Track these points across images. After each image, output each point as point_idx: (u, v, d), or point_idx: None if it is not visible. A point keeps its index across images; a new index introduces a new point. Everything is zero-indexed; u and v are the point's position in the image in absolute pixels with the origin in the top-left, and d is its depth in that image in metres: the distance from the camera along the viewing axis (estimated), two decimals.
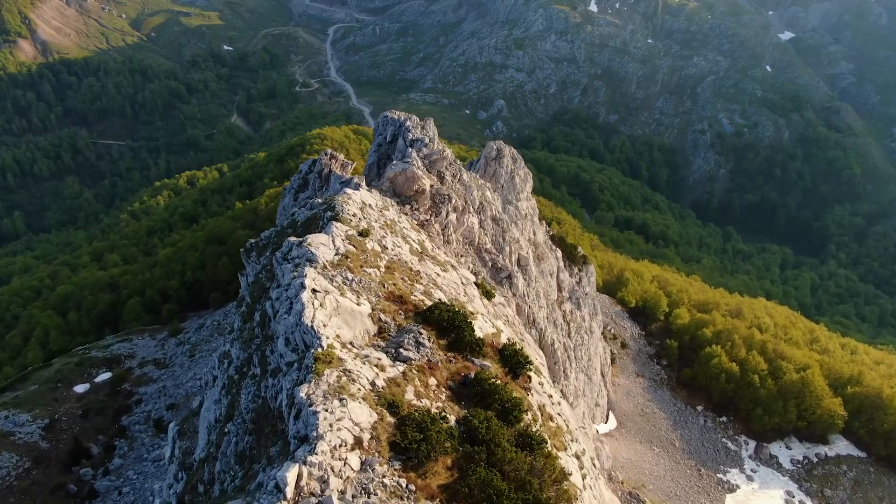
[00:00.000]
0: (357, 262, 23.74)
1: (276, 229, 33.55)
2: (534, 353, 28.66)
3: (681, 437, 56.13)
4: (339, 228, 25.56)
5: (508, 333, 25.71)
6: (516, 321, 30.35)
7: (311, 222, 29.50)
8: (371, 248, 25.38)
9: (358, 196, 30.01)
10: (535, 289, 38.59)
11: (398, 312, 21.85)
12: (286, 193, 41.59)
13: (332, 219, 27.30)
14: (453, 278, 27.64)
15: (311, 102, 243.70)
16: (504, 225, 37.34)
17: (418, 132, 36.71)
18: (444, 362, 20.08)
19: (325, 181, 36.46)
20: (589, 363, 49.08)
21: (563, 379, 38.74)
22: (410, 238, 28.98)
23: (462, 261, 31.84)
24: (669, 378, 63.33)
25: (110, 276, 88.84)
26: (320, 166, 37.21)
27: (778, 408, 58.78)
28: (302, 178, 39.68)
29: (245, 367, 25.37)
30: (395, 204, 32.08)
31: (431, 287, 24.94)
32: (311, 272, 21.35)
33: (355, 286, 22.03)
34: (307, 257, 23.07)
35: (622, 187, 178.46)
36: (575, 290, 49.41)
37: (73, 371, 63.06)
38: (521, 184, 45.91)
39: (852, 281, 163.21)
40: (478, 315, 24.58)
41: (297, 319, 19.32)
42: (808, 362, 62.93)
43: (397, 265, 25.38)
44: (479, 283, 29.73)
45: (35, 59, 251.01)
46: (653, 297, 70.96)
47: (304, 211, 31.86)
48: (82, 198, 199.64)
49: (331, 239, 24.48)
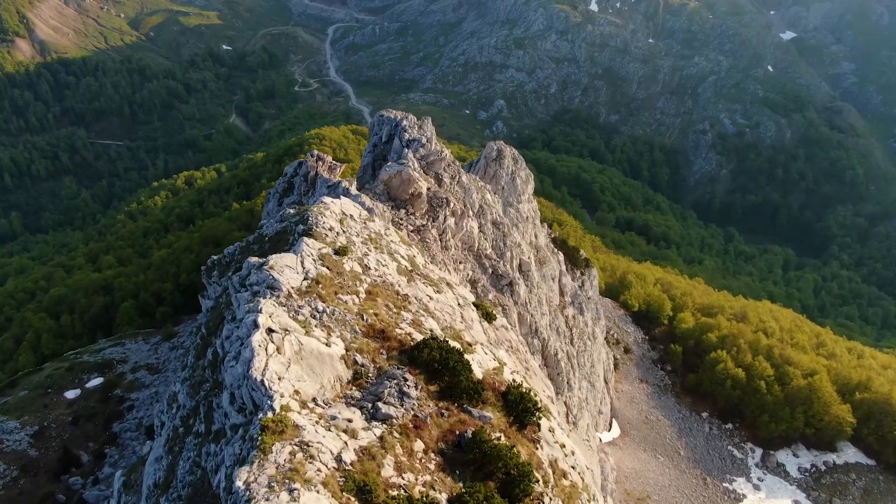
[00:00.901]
0: (330, 287, 20.28)
1: (241, 245, 29.85)
2: (541, 383, 25.72)
3: (686, 445, 54.78)
4: (311, 246, 22.13)
5: (512, 365, 22.60)
6: (521, 346, 27.15)
7: (280, 237, 25.96)
8: (350, 269, 22.02)
9: (337, 205, 26.59)
10: (538, 295, 37.22)
11: (379, 352, 18.49)
12: (270, 198, 38.67)
13: (303, 234, 23.85)
14: (448, 300, 24.39)
15: (310, 102, 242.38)
16: (505, 229, 35.91)
17: (415, 132, 35.15)
18: (434, 416, 16.70)
19: (311, 185, 34.02)
20: (592, 370, 47.72)
21: (567, 390, 37.37)
22: (399, 254, 25.68)
23: (461, 267, 30.27)
24: (674, 384, 61.98)
25: (104, 278, 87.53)
26: (306, 169, 34.68)
27: (785, 414, 57.44)
28: (287, 181, 37.12)
29: (191, 419, 21.69)
30: (389, 209, 29.72)
31: (422, 314, 21.77)
32: (269, 305, 17.90)
33: (326, 319, 18.63)
34: (268, 284, 19.60)
35: (623, 188, 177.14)
36: (577, 295, 48.07)
37: (63, 376, 61.64)
38: (523, 185, 44.53)
39: (855, 282, 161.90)
40: (477, 346, 21.45)
41: (245, 370, 15.73)
42: (816, 367, 61.58)
43: (381, 289, 22.06)
44: (478, 304, 26.81)
45: (33, 58, 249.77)
46: (656, 301, 69.62)
47: (273, 223, 28.10)
48: (80, 198, 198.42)
49: (299, 260, 21.04)
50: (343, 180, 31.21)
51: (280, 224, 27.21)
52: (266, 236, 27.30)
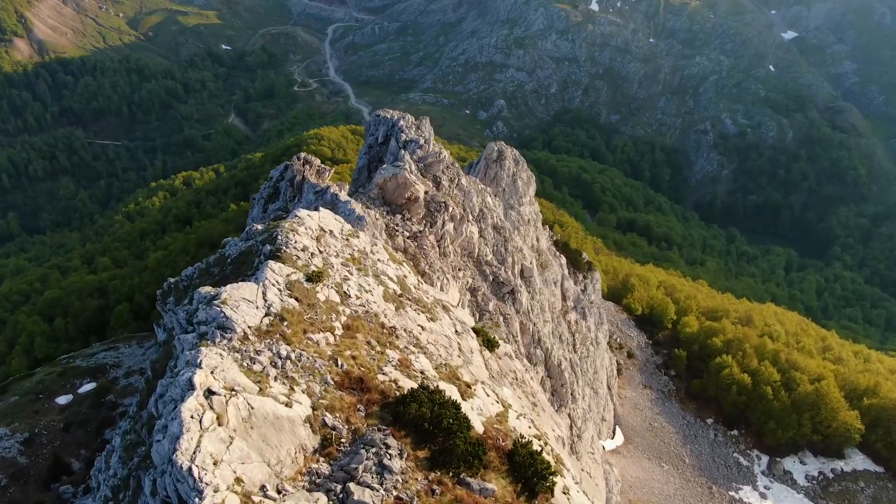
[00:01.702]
0: (299, 325, 16.83)
1: (200, 266, 25.91)
2: (550, 421, 23.15)
3: (691, 453, 53.57)
4: (278, 272, 18.41)
5: (518, 405, 19.79)
6: (526, 374, 24.55)
7: (244, 259, 21.98)
8: (325, 298, 18.49)
9: (314, 220, 22.81)
10: (540, 302, 36.01)
11: (355, 408, 15.04)
12: (255, 203, 35.69)
13: (270, 256, 19.88)
14: (444, 329, 21.05)
15: (309, 102, 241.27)
16: (506, 233, 34.67)
17: (412, 133, 33.81)
18: (423, 496, 13.13)
19: (297, 190, 31.67)
20: (595, 376, 46.54)
21: (571, 402, 36.12)
22: (386, 276, 22.29)
23: (460, 275, 28.94)
24: (678, 389, 60.77)
25: (99, 280, 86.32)
26: (292, 173, 32.43)
27: (792, 421, 56.23)
28: (272, 185, 34.59)
29: (121, 493, 17.89)
30: (384, 215, 27.83)
31: (411, 351, 18.46)
32: (212, 356, 14.16)
33: (291, 368, 15.16)
34: (218, 324, 15.92)
35: (624, 188, 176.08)
36: (580, 299, 46.87)
37: (55, 381, 60.31)
38: (524, 187, 43.32)
39: (858, 283, 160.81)
40: (477, 386, 18.39)
41: (169, 453, 12.02)
42: (823, 373, 60.38)
43: (363, 322, 18.62)
44: (478, 330, 23.74)
45: (31, 58, 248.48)
46: (660, 305, 68.39)
47: (237, 242, 24.28)
48: (77, 198, 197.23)
49: (260, 291, 17.39)
50: (332, 185, 29.40)
51: (245, 243, 23.29)
52: (228, 257, 23.30)
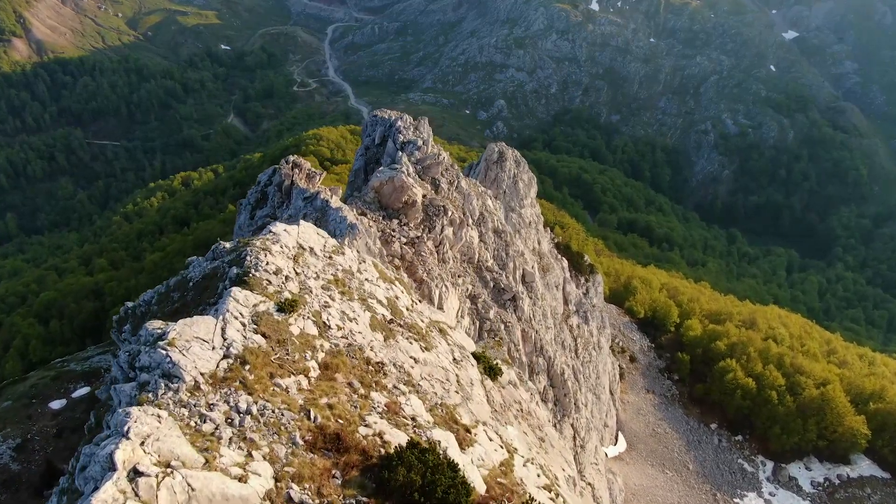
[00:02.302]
0: (264, 368, 14.13)
1: (159, 290, 22.96)
2: (559, 458, 20.73)
3: (694, 459, 52.68)
4: (243, 302, 15.62)
5: (525, 448, 17.78)
6: (532, 405, 22.16)
7: (207, 284, 19.16)
8: (299, 331, 15.86)
9: (292, 236, 19.87)
10: (542, 307, 35.11)
11: (329, 475, 12.32)
12: (241, 210, 33.66)
13: (235, 281, 17.00)
14: (440, 358, 18.54)
15: (309, 102, 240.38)
16: (507, 237, 33.76)
17: (411, 133, 32.84)
18: None
19: (285, 195, 29.84)
20: (597, 381, 45.67)
21: (575, 412, 35.23)
22: (376, 297, 19.65)
23: (460, 282, 27.99)
24: (681, 394, 59.87)
25: (95, 282, 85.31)
26: (280, 177, 30.43)
27: (797, 426, 55.33)
28: (260, 190, 32.39)
29: None
30: (379, 220, 26.56)
31: (401, 391, 15.94)
32: (144, 422, 11.20)
33: (250, 426, 12.42)
34: (163, 371, 13.15)
35: (625, 189, 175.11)
36: (582, 303, 46.02)
37: (49, 386, 59.32)
38: (525, 189, 42.43)
39: (860, 284, 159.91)
40: (478, 429, 16.28)
41: None
42: (828, 377, 59.48)
43: (345, 358, 15.95)
44: (479, 356, 21.15)
45: (30, 58, 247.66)
46: (662, 307, 67.44)
47: (201, 263, 21.28)
48: (76, 199, 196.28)
49: (219, 326, 14.56)
50: (322, 190, 27.44)
51: (210, 264, 20.18)
52: (190, 280, 20.25)
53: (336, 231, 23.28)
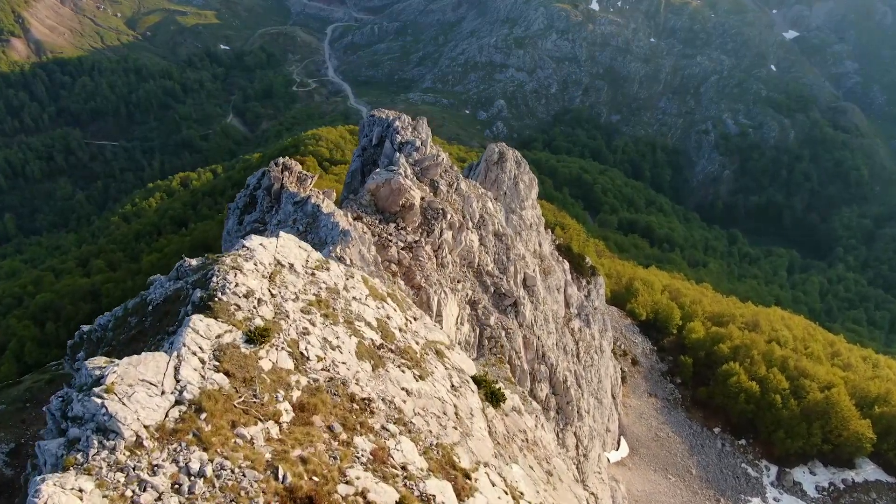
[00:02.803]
0: (224, 416, 11.91)
1: (117, 313, 20.59)
2: (570, 494, 19.36)
3: (698, 464, 51.96)
4: (204, 334, 13.34)
5: (532, 492, 16.53)
6: (538, 433, 20.28)
7: (168, 308, 17.06)
8: (271, 366, 13.68)
9: (269, 250, 17.54)
10: (544, 312, 34.40)
11: None
12: (230, 214, 31.99)
13: (198, 307, 14.80)
14: (436, 388, 16.63)
15: (308, 102, 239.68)
16: (508, 241, 33.00)
17: (409, 134, 32.00)
18: None
19: (275, 199, 28.37)
20: (599, 385, 44.97)
21: (578, 420, 34.50)
22: (364, 319, 17.47)
23: (459, 287, 27.22)
24: (684, 397, 59.14)
25: (92, 283, 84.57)
26: (269, 180, 28.97)
27: (801, 430, 54.60)
28: (249, 194, 31.03)
29: None
30: (375, 224, 25.47)
31: (390, 433, 13.96)
32: (58, 501, 9.44)
33: (203, 493, 10.49)
34: (98, 424, 11.03)
35: (625, 189, 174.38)
36: (584, 306, 45.31)
37: (43, 389, 58.56)
38: (526, 190, 41.70)
39: (861, 285, 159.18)
40: (479, 473, 14.66)
41: None
42: (833, 380, 58.75)
43: (325, 396, 13.81)
44: (480, 379, 19.03)
45: (28, 58, 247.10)
46: (664, 310, 66.68)
47: (163, 283, 19.33)
48: (75, 199, 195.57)
49: (171, 365, 12.35)
50: (314, 194, 26.01)
51: (173, 284, 18.06)
52: (150, 303, 18.06)
53: (328, 238, 22.11)
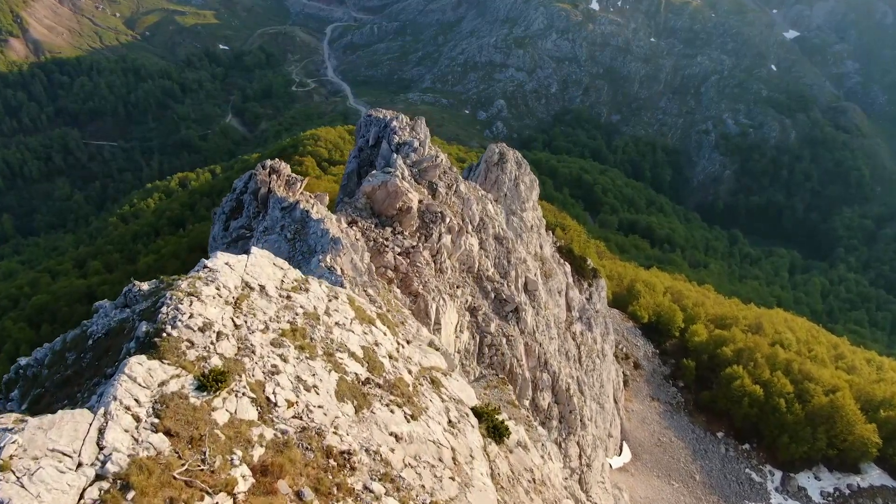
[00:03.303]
0: (157, 494, 9.03)
1: (55, 346, 16.86)
2: None
3: (701, 469, 51.19)
4: (141, 382, 10.59)
5: None
6: (546, 468, 18.17)
7: (111, 343, 13.76)
8: (228, 418, 10.92)
9: (236, 271, 14.84)
10: (545, 317, 33.63)
11: None
12: (216, 220, 30.02)
13: (143, 343, 11.79)
14: (431, 429, 14.17)
15: (307, 102, 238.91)
16: (509, 244, 32.20)
17: (406, 134, 31.14)
18: None
19: (262, 204, 26.77)
20: (601, 390, 44.21)
21: (581, 429, 33.70)
22: (348, 348, 14.85)
23: (458, 293, 26.40)
24: (687, 401, 58.36)
25: (88, 285, 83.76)
26: (256, 184, 27.36)
27: (806, 435, 53.81)
28: (235, 198, 29.22)
29: None
30: (370, 228, 24.39)
31: (374, 495, 11.55)
32: None
33: None
34: None
35: (626, 189, 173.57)
36: (586, 309, 44.55)
37: None
38: (527, 192, 40.92)
39: (863, 286, 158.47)
40: None
41: None
42: (838, 384, 57.96)
43: (294, 452, 11.12)
44: (481, 412, 16.81)
45: (27, 58, 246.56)
46: (667, 312, 65.85)
47: (108, 311, 15.69)
48: (73, 200, 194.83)
49: (93, 429, 9.62)
50: (304, 198, 24.76)
51: (119, 314, 15.04)
52: (91, 337, 14.83)
53: (317, 246, 21.13)
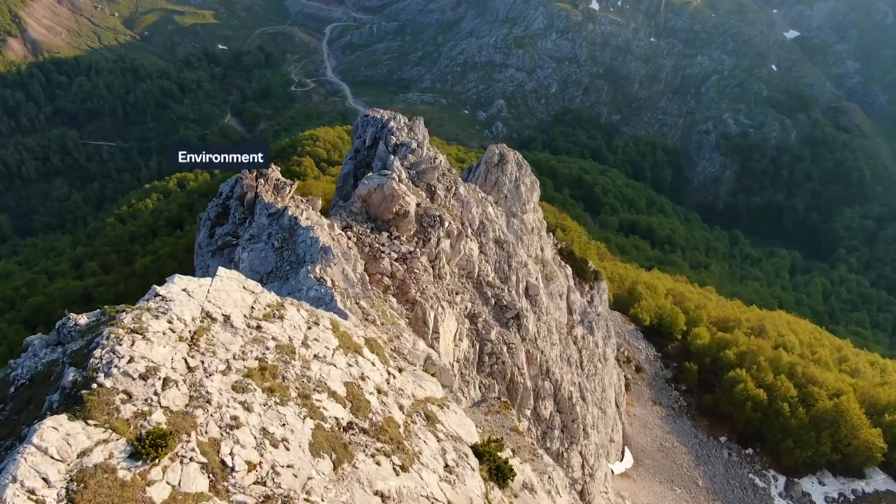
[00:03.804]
0: None
1: None
2: None
3: (704, 475, 50.47)
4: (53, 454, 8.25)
5: None
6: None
7: (34, 393, 11.22)
8: (168, 495, 8.68)
9: (196, 298, 12.46)
10: (547, 322, 32.89)
11: None
12: (201, 226, 29.00)
13: (67, 397, 9.51)
14: (424, 482, 12.06)
15: (306, 102, 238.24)
16: (510, 248, 31.42)
17: (404, 135, 30.25)
18: None
19: (248, 210, 25.15)
20: (603, 395, 43.49)
21: (584, 438, 32.92)
22: (328, 387, 12.50)
23: (458, 300, 25.55)
24: (689, 405, 57.64)
25: (84, 286, 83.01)
26: (242, 189, 25.72)
27: (810, 439, 53.10)
28: (221, 203, 27.65)
29: None
30: (366, 233, 23.44)
31: None
32: None
33: None
34: None
35: (626, 189, 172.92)
36: (587, 313, 43.83)
37: None
38: (528, 193, 40.17)
39: (864, 286, 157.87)
40: None
41: None
42: (842, 387, 57.24)
43: None
44: (483, 451, 14.82)
45: (25, 58, 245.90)
46: (669, 315, 65.09)
47: (38, 350, 12.90)
48: (71, 200, 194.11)
49: None
50: (292, 205, 23.06)
51: (49, 354, 12.35)
52: (14, 382, 12.18)
53: (306, 255, 20.16)
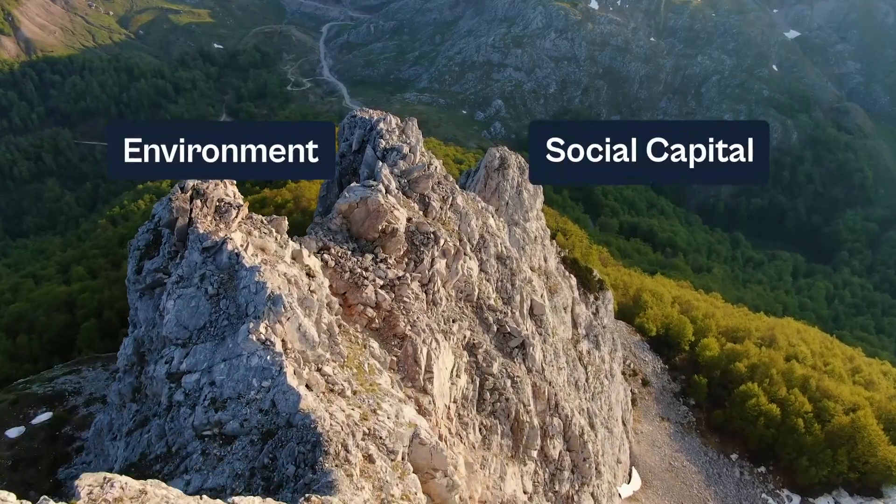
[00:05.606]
0: None
1: None
2: None
3: (715, 496, 47.89)
4: None
5: None
6: None
7: None
8: None
9: None
10: (553, 344, 30.18)
11: None
12: (130, 255, 22.63)
13: None
14: None
15: (303, 102, 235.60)
16: (513, 264, 28.48)
17: (395, 138, 27.14)
18: None
19: (180, 241, 19.53)
20: (609, 413, 40.87)
21: (596, 478, 30.13)
22: None
23: (455, 328, 22.61)
24: (699, 421, 55.00)
25: (69, 292, 79.99)
26: (171, 213, 19.53)
27: (826, 457, 50.49)
28: (153, 229, 21.51)
29: None
30: (346, 256, 19.64)
31: None
32: None
33: None
34: None
35: (626, 191, 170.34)
36: (593, 326, 41.21)
37: (7, 411, 54.23)
38: (531, 200, 37.46)
39: (868, 290, 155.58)
40: None
41: None
42: (858, 401, 54.64)
43: None
44: None
45: (18, 57, 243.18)
46: (676, 324, 62.35)
47: None
48: (63, 201, 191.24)
49: None
50: (239, 233, 17.50)
51: None
52: None
53: (249, 307, 15.45)
